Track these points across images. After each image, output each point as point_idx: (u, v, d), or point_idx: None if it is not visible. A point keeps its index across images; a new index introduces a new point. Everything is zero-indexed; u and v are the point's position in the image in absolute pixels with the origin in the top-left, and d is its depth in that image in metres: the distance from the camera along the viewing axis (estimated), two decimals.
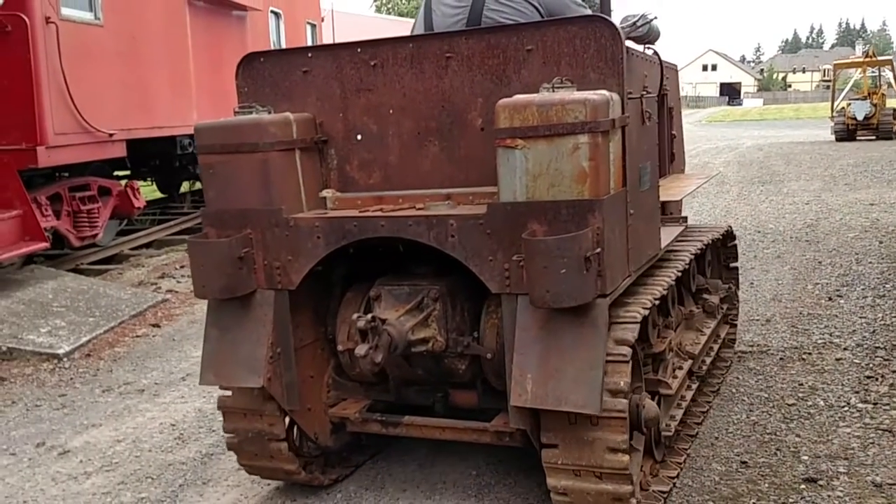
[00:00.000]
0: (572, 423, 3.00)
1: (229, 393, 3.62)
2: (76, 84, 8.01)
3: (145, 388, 5.63)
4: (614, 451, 2.97)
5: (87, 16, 8.51)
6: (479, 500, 3.66)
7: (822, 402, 4.52)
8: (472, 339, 3.36)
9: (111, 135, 8.65)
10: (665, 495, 3.44)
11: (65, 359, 6.27)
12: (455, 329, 3.34)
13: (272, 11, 13.71)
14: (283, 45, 13.91)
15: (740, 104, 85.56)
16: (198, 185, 13.52)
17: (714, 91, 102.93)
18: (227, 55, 11.26)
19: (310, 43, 15.36)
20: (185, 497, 3.93)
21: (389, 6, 47.40)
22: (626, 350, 2.94)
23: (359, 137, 3.49)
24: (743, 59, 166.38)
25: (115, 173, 10.38)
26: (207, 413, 4.96)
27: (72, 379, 5.91)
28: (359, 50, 3.44)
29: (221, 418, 3.69)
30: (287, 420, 3.61)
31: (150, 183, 13.23)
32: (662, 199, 3.86)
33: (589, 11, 3.74)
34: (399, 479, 3.90)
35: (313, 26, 16.06)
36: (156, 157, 11.21)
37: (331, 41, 16.47)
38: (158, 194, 13.82)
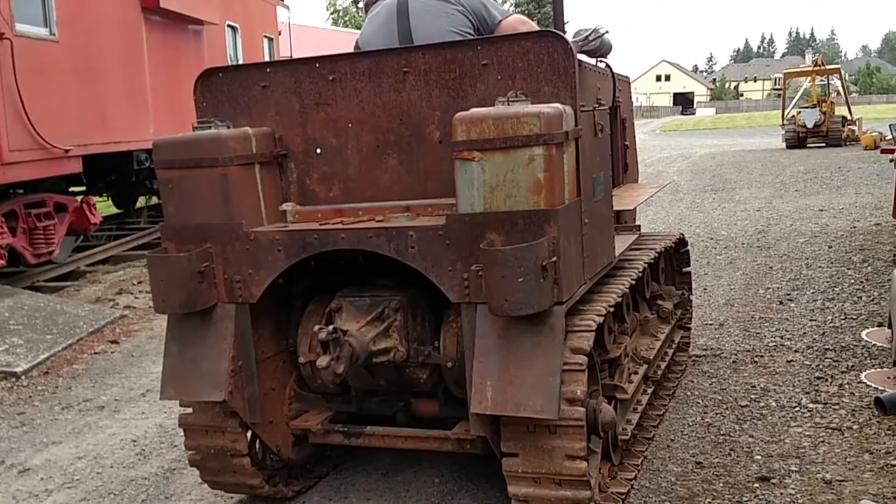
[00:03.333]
0: (531, 431, 3.07)
1: (190, 410, 3.63)
2: (31, 100, 7.94)
3: (105, 404, 5.59)
4: (573, 459, 3.03)
5: (42, 31, 8.44)
6: None
7: (773, 403, 4.65)
8: (432, 349, 3.41)
9: (67, 151, 8.58)
10: (623, 497, 3.51)
11: (23, 377, 6.20)
12: (416, 339, 3.40)
13: (229, 25, 13.67)
14: (241, 60, 13.86)
15: (693, 113, 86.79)
16: (154, 200, 13.41)
17: (667, 101, 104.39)
18: (184, 70, 11.21)
19: (267, 57, 15.33)
20: None
21: (346, 19, 47.40)
22: (582, 359, 3.01)
23: (318, 151, 3.54)
24: (696, 69, 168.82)
25: (71, 189, 10.28)
26: (168, 428, 4.95)
27: (30, 397, 5.85)
28: (317, 65, 3.49)
29: (183, 435, 3.70)
30: (249, 434, 3.63)
31: (105, 198, 13.09)
32: (616, 208, 3.96)
33: (498, 7, 3.86)
34: (363, 489, 3.93)
35: (270, 40, 16.04)
36: (112, 172, 11.11)
37: (288, 55, 16.44)
38: (114, 210, 13.68)
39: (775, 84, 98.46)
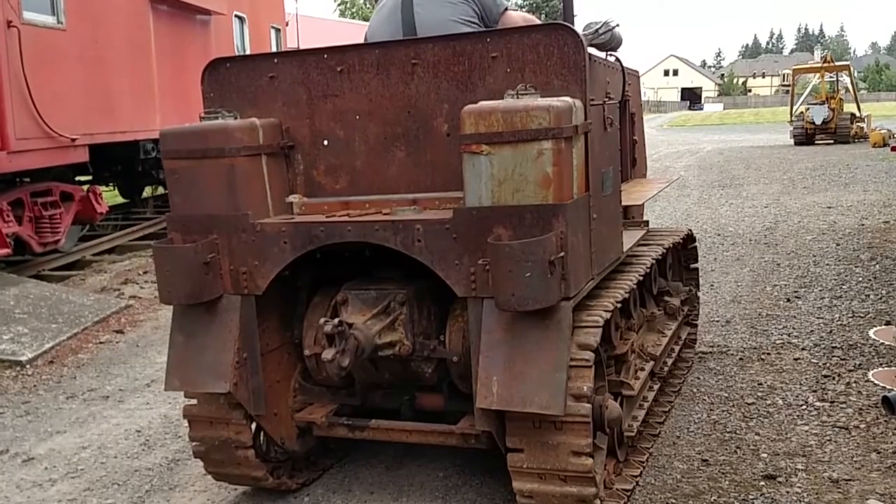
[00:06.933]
0: (537, 427, 3.05)
1: (195, 401, 3.62)
2: (38, 88, 7.92)
3: (110, 394, 5.59)
4: (578, 455, 3.02)
5: (50, 20, 8.42)
6: (446, 502, 3.70)
7: (780, 401, 4.62)
8: (438, 343, 3.39)
9: (74, 140, 8.56)
10: (628, 493, 3.50)
11: (28, 366, 6.20)
12: (421, 333, 3.38)
13: (236, 16, 13.64)
14: (248, 50, 13.84)
15: (701, 109, 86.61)
16: (160, 190, 13.40)
17: (675, 96, 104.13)
18: (191, 60, 11.19)
19: (274, 47, 15.30)
20: (151, 503, 3.92)
21: (353, 10, 47.36)
22: (589, 355, 2.99)
23: (325, 143, 3.52)
24: (704, 64, 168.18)
25: (77, 178, 10.27)
26: (173, 419, 4.94)
27: (35, 386, 5.85)
28: (325, 56, 3.46)
29: (187, 426, 3.69)
30: (253, 426, 3.62)
31: (112, 188, 13.08)
32: (624, 203, 3.93)
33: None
34: (366, 482, 3.92)
35: (278, 31, 16.01)
36: (118, 161, 11.10)
37: (295, 46, 16.42)
38: (120, 199, 13.67)
39: (784, 80, 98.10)
